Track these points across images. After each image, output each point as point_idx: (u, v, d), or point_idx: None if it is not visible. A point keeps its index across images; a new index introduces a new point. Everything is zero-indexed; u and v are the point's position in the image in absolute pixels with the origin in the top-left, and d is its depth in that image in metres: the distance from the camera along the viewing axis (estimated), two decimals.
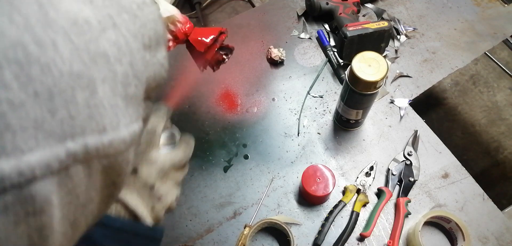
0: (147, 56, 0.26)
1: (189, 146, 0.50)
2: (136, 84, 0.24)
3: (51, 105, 0.18)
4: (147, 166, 0.45)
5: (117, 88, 0.22)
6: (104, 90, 0.21)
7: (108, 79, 0.21)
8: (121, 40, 0.23)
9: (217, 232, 0.73)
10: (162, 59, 0.28)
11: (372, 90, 0.71)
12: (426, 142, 0.82)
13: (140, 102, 0.25)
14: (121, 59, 0.22)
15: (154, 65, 0.27)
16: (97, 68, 0.21)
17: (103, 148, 0.21)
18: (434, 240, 0.72)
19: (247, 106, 0.88)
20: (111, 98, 0.21)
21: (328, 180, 0.72)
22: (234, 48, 0.73)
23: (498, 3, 1.06)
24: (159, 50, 0.28)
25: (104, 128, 0.21)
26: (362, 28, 0.85)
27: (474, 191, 0.76)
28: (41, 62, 0.18)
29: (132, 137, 0.24)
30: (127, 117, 0.23)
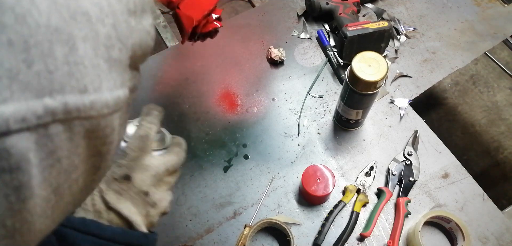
0: (132, 22, 0.25)
1: (182, 149, 0.49)
2: (120, 48, 0.23)
3: (26, 56, 0.17)
4: (141, 172, 0.43)
5: (99, 49, 0.21)
6: (85, 49, 0.20)
7: (89, 39, 0.20)
8: (103, 1, 0.22)
9: (217, 232, 0.73)
10: (148, 26, 0.27)
11: (372, 90, 0.71)
12: (426, 142, 0.82)
13: (125, 69, 0.24)
14: (103, 20, 0.22)
15: (139, 32, 0.26)
16: (77, 26, 0.20)
17: (84, 109, 0.20)
18: (434, 240, 0.72)
19: (247, 106, 0.88)
20: (92, 58, 0.21)
21: (328, 180, 0.72)
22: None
23: (498, 3, 1.06)
24: (145, 17, 0.27)
25: (85, 88, 0.20)
26: (362, 28, 0.85)
27: (474, 191, 0.76)
28: (15, 12, 0.17)
29: (115, 102, 0.23)
30: (110, 80, 0.22)
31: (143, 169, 0.44)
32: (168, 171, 0.46)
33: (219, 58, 0.95)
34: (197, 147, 0.82)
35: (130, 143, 0.43)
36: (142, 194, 0.43)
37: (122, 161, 0.42)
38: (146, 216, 0.44)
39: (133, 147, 0.43)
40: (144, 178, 0.43)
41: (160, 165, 0.45)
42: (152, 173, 0.44)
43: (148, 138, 0.44)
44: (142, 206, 0.44)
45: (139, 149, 0.43)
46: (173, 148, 0.48)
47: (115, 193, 0.42)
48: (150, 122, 0.45)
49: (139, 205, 0.43)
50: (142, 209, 0.44)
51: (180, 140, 0.50)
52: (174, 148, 0.48)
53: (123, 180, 0.42)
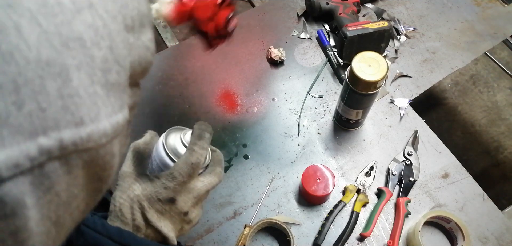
0: (130, 39, 0.24)
1: (222, 168, 0.49)
2: (117, 70, 0.22)
3: (16, 97, 0.16)
4: (185, 195, 0.44)
5: (96, 75, 0.20)
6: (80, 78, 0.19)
7: (84, 66, 0.19)
8: (99, 22, 0.20)
9: (217, 232, 0.73)
10: (147, 41, 0.26)
11: (372, 90, 0.71)
12: (426, 142, 0.82)
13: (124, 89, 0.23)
14: (99, 43, 0.20)
15: (138, 48, 0.25)
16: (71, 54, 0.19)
17: (82, 142, 0.19)
18: (434, 240, 0.72)
19: (247, 106, 0.88)
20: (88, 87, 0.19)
21: (328, 180, 0.72)
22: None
23: (498, 3, 1.06)
24: (144, 32, 0.26)
25: (82, 120, 0.19)
26: (362, 28, 0.85)
27: (474, 191, 0.76)
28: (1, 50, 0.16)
29: (114, 128, 0.22)
30: (109, 106, 0.21)
31: (188, 192, 0.44)
32: (208, 193, 0.47)
33: (219, 58, 0.95)
34: None
35: (180, 168, 0.42)
36: (182, 214, 0.44)
37: (169, 183, 0.42)
38: (180, 230, 0.46)
39: (183, 172, 0.42)
40: (187, 200, 0.44)
41: (202, 188, 0.45)
42: (194, 195, 0.44)
43: (198, 165, 0.43)
44: (179, 223, 0.45)
45: (188, 175, 0.43)
46: (215, 168, 0.48)
47: (157, 212, 0.42)
48: (201, 147, 0.44)
49: (177, 223, 0.44)
50: (178, 226, 0.45)
51: (220, 156, 0.50)
52: (216, 168, 0.48)
53: (167, 202, 0.43)
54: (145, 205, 0.42)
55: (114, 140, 0.22)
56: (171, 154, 0.44)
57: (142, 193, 0.42)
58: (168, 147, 0.44)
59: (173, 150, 0.44)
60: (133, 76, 0.25)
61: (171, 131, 0.47)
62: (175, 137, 0.46)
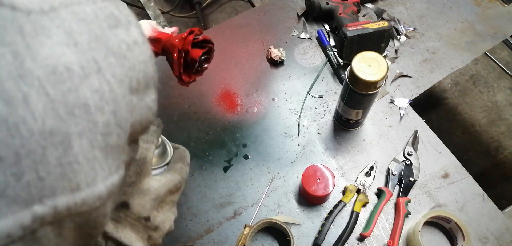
0: (134, 100, 0.23)
1: (185, 164, 0.45)
2: (118, 134, 0.21)
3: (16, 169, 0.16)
4: (139, 198, 0.39)
5: (96, 140, 0.20)
6: (81, 145, 0.19)
7: (86, 132, 0.19)
8: (105, 87, 0.20)
9: (217, 232, 0.73)
10: (150, 102, 0.26)
11: (372, 90, 0.71)
12: (426, 142, 0.82)
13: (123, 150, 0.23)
14: (103, 108, 0.20)
15: (141, 109, 0.24)
16: (75, 121, 0.18)
17: (76, 207, 0.19)
18: (434, 240, 0.72)
19: (247, 106, 0.88)
20: (88, 152, 0.19)
21: (328, 180, 0.72)
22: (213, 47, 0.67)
23: (498, 3, 1.06)
24: (148, 93, 0.25)
25: (78, 186, 0.19)
26: (362, 28, 0.85)
27: (474, 191, 0.76)
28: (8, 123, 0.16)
29: (109, 190, 0.21)
30: (106, 169, 0.21)
31: (142, 194, 0.40)
32: (170, 192, 0.42)
33: (219, 58, 0.95)
34: (197, 147, 0.82)
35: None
36: (142, 220, 0.40)
37: None
38: (148, 239, 0.41)
39: (129, 172, 0.38)
40: (143, 203, 0.39)
41: (160, 187, 0.41)
42: (152, 197, 0.40)
43: (145, 161, 0.39)
44: (143, 231, 0.40)
45: (136, 174, 0.39)
46: (176, 164, 0.44)
47: (113, 221, 0.38)
48: (146, 141, 0.40)
49: (140, 231, 0.40)
50: (143, 234, 0.40)
51: (183, 151, 0.46)
52: (177, 164, 0.44)
53: (120, 208, 0.38)
54: None
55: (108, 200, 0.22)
56: None
57: None
58: None
59: None
60: (133, 135, 0.24)
61: None
62: None
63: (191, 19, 2.01)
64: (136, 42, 0.24)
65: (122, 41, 0.23)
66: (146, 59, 0.25)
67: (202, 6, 2.00)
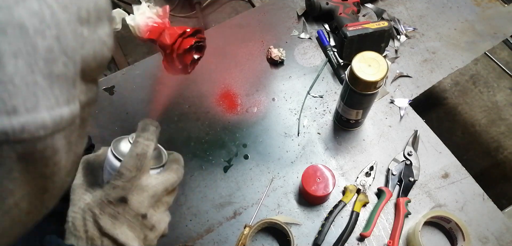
0: (84, 32, 0.23)
1: (180, 166, 0.46)
2: (65, 62, 0.21)
3: None
4: (138, 194, 0.40)
5: (37, 65, 0.19)
6: (17, 66, 0.18)
7: (24, 54, 0.19)
8: (46, 11, 0.20)
9: (217, 232, 0.73)
10: (104, 36, 0.25)
11: (372, 90, 0.71)
12: (426, 142, 0.82)
13: (74, 83, 0.22)
14: (44, 32, 0.20)
15: (93, 42, 0.24)
16: (7, 40, 0.18)
17: (14, 132, 0.18)
18: (434, 240, 0.72)
19: (247, 106, 0.88)
20: (26, 75, 0.19)
21: (328, 180, 0.72)
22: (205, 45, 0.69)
23: (498, 3, 1.06)
24: (101, 26, 0.25)
25: (15, 109, 0.18)
26: (362, 28, 0.85)
27: (474, 191, 0.76)
28: None
29: (56, 122, 0.21)
30: (51, 98, 0.20)
31: (141, 190, 0.40)
32: (167, 191, 0.43)
33: (219, 58, 0.95)
34: (197, 147, 0.82)
35: (126, 162, 0.39)
36: (140, 217, 0.40)
37: (117, 182, 0.39)
38: (144, 240, 0.41)
39: (129, 166, 0.39)
40: (141, 199, 0.40)
41: (158, 185, 0.41)
42: (150, 194, 0.41)
43: (145, 156, 0.40)
44: (140, 229, 0.40)
45: (136, 169, 0.39)
46: (171, 165, 0.45)
47: (110, 217, 0.39)
48: (147, 138, 0.41)
49: (136, 229, 0.40)
50: (139, 233, 0.40)
51: (177, 156, 0.47)
52: (173, 165, 0.45)
53: (118, 203, 0.39)
54: (96, 212, 0.38)
55: (57, 134, 0.21)
56: (119, 156, 0.41)
57: (92, 200, 0.39)
58: (117, 151, 0.42)
59: (122, 153, 0.42)
60: (88, 71, 0.24)
61: (119, 138, 0.45)
62: (123, 142, 0.44)
63: (191, 19, 2.01)
64: None
65: None
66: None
67: (202, 6, 2.00)
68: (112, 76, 0.92)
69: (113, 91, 0.89)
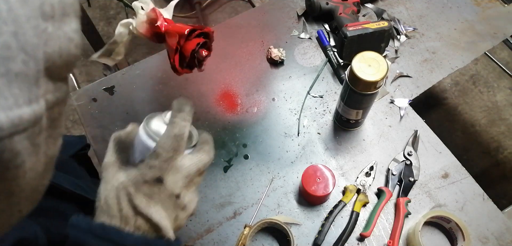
0: (49, 28, 0.22)
1: (211, 147, 0.46)
2: (24, 60, 0.20)
3: None
4: (173, 174, 0.40)
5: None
6: None
7: None
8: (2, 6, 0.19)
9: (217, 232, 0.73)
10: (70, 32, 0.24)
11: (372, 90, 0.71)
12: (426, 142, 0.82)
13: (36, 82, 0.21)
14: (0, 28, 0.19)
15: (58, 38, 0.23)
16: None
17: None
18: (434, 240, 0.72)
19: (247, 106, 0.88)
20: None
21: (328, 180, 0.72)
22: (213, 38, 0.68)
23: (498, 3, 1.06)
24: (67, 21, 0.24)
25: None
26: (362, 28, 0.85)
27: (474, 191, 0.76)
28: None
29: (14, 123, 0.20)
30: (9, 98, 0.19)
31: (176, 170, 0.40)
32: (199, 171, 0.43)
33: (219, 58, 0.95)
34: None
35: (163, 143, 0.39)
36: (174, 197, 0.40)
37: (154, 162, 0.39)
38: (175, 219, 0.41)
39: (166, 147, 0.39)
40: (176, 180, 0.40)
41: (192, 165, 0.42)
42: (184, 174, 0.41)
43: (182, 137, 0.40)
44: (173, 209, 0.41)
45: (173, 150, 0.39)
46: (204, 146, 0.45)
47: (145, 196, 0.39)
48: (183, 119, 0.41)
49: (169, 208, 0.40)
50: (172, 212, 0.41)
51: (207, 136, 0.47)
52: (204, 146, 0.45)
53: (154, 183, 0.39)
54: (131, 191, 0.38)
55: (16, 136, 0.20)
56: (153, 135, 0.41)
57: (127, 179, 0.39)
58: (150, 130, 0.42)
59: (155, 132, 0.41)
60: (54, 69, 0.23)
61: (151, 116, 0.44)
62: (155, 120, 0.43)
63: (191, 19, 2.01)
64: None
65: None
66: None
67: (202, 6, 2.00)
68: (112, 76, 0.92)
69: (113, 91, 0.89)
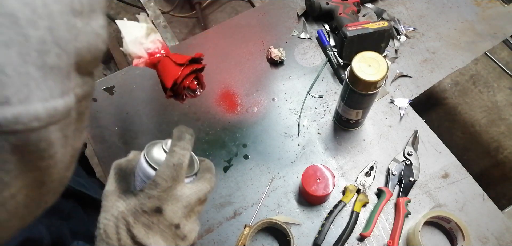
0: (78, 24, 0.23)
1: (213, 175, 0.45)
2: (58, 53, 0.21)
3: None
4: (173, 204, 0.39)
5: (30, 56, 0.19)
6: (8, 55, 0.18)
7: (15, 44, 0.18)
8: (38, 1, 0.20)
9: (217, 232, 0.73)
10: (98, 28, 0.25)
11: (372, 90, 0.71)
12: (426, 142, 0.82)
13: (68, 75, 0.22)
14: (36, 23, 0.19)
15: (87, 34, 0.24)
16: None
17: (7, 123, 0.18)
18: (434, 240, 0.72)
19: (247, 106, 0.88)
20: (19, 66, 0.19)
21: (328, 180, 0.72)
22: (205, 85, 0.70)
23: (498, 3, 1.06)
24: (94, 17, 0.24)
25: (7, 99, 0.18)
26: (362, 28, 0.85)
27: (474, 191, 0.76)
28: None
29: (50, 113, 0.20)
30: (45, 90, 0.20)
31: (175, 200, 0.40)
32: (200, 200, 0.42)
33: (219, 58, 0.95)
34: (197, 147, 0.82)
35: (162, 172, 0.39)
36: (173, 227, 0.40)
37: (153, 191, 0.38)
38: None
39: (165, 176, 0.38)
40: (176, 209, 0.40)
41: (192, 195, 0.41)
42: (184, 204, 0.40)
43: (181, 167, 0.39)
44: (172, 239, 0.40)
45: (172, 179, 0.39)
46: (205, 174, 0.44)
47: (144, 226, 0.38)
48: (183, 148, 0.40)
49: (169, 239, 0.40)
50: (171, 243, 0.40)
51: (209, 164, 0.46)
52: (206, 174, 0.44)
53: (153, 213, 0.38)
54: (130, 221, 0.38)
55: (51, 126, 0.21)
56: (153, 164, 0.41)
57: (126, 208, 0.39)
58: (150, 158, 0.41)
59: (156, 160, 0.41)
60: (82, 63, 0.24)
61: (152, 144, 0.44)
62: (156, 148, 0.43)
63: (191, 19, 2.01)
64: None
65: None
66: None
67: (202, 6, 2.00)
68: (112, 76, 0.92)
69: (113, 91, 0.89)
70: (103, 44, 0.26)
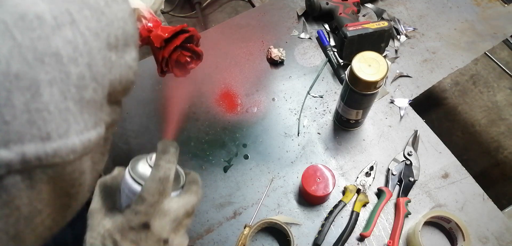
0: (112, 57, 0.23)
1: (199, 187, 0.45)
2: (94, 88, 0.21)
3: None
4: (160, 219, 0.39)
5: (70, 92, 0.20)
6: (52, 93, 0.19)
7: (58, 81, 0.19)
8: (79, 39, 0.20)
9: (217, 232, 0.73)
10: (130, 61, 0.26)
11: (372, 90, 0.71)
12: (426, 142, 0.82)
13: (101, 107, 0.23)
14: (77, 60, 0.20)
15: (120, 67, 0.24)
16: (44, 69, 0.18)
17: (47, 157, 0.19)
18: (434, 240, 0.72)
19: (247, 106, 0.88)
20: (60, 102, 0.19)
21: (328, 180, 0.72)
22: (203, 54, 0.66)
23: (498, 3, 1.06)
24: (128, 51, 0.25)
25: (49, 135, 0.19)
26: (362, 28, 0.85)
27: (474, 191, 0.76)
28: None
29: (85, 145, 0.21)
30: (81, 123, 0.21)
31: (163, 215, 0.39)
32: (187, 213, 0.42)
33: (219, 58, 0.95)
34: (197, 147, 0.82)
35: (148, 187, 0.38)
36: (162, 242, 0.39)
37: (139, 207, 0.37)
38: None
39: (152, 191, 0.38)
40: (163, 224, 0.39)
41: (179, 208, 0.40)
42: (171, 218, 0.40)
43: (168, 180, 0.39)
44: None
45: (159, 193, 0.38)
46: (191, 187, 0.44)
47: (132, 243, 0.38)
48: (168, 161, 0.39)
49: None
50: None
51: (195, 176, 0.46)
52: (192, 187, 0.44)
53: (141, 229, 0.38)
54: (117, 238, 0.37)
55: (84, 157, 0.22)
56: (138, 179, 0.40)
57: (112, 226, 0.38)
58: (135, 174, 0.41)
59: (141, 176, 0.40)
60: (113, 94, 0.24)
61: (136, 159, 0.43)
62: (141, 163, 0.42)
63: (191, 19, 2.01)
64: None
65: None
66: (125, 16, 0.25)
67: (202, 6, 2.00)
68: None
69: None
70: (134, 76, 0.26)
